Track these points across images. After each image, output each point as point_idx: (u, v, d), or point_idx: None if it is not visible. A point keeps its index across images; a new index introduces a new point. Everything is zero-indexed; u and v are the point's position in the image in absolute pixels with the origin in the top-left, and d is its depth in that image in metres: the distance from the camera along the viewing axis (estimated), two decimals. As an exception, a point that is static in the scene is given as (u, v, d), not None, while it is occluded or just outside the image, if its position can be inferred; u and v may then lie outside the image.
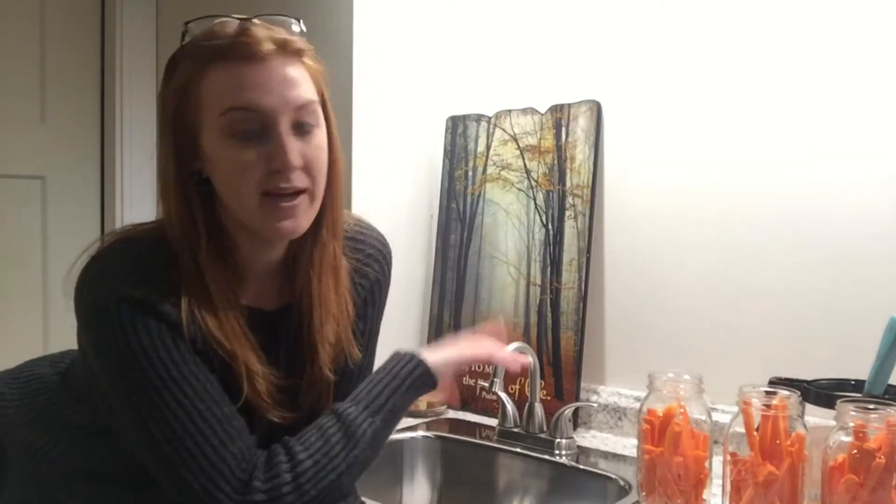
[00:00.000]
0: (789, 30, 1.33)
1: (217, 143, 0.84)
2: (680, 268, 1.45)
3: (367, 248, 1.04)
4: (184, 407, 0.81)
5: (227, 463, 0.81)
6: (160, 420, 0.81)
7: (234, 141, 0.83)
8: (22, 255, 1.94)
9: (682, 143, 1.45)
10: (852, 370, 1.11)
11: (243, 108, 0.82)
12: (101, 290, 0.83)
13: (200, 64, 0.83)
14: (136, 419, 0.82)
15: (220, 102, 0.82)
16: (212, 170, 0.86)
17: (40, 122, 1.97)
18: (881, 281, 1.24)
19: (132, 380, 0.81)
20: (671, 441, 1.04)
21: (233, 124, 0.82)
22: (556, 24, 1.60)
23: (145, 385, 0.81)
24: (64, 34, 1.99)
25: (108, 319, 0.81)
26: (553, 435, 1.39)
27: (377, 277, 1.05)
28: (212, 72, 0.83)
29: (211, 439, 0.81)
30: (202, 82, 0.83)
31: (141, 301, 0.81)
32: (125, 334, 0.81)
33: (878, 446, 0.87)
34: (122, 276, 0.83)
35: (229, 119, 0.82)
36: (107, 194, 2.05)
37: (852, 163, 1.28)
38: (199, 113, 0.84)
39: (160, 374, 0.81)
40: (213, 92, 0.83)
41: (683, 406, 1.05)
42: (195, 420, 0.81)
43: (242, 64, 0.82)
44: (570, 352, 1.50)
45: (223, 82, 0.82)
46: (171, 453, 0.81)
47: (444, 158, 1.75)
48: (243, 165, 0.83)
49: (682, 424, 1.04)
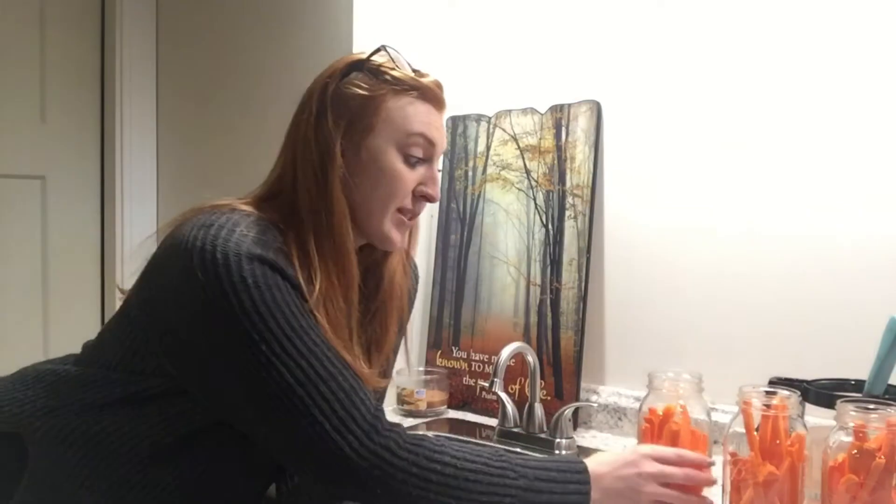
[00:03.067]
0: (789, 28, 1.33)
1: (388, 152, 0.98)
2: (680, 268, 1.45)
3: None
4: (315, 354, 0.86)
5: (358, 407, 0.86)
6: (293, 366, 0.84)
7: (404, 156, 0.98)
8: (22, 255, 1.94)
9: (683, 143, 1.45)
10: (852, 370, 1.11)
11: (428, 139, 0.99)
12: (231, 248, 0.85)
13: (401, 87, 0.98)
14: (259, 369, 0.84)
15: (412, 126, 0.98)
16: (362, 168, 0.97)
17: (40, 122, 1.97)
18: (881, 281, 1.24)
19: (261, 330, 0.84)
20: (669, 440, 1.04)
21: (413, 147, 0.98)
22: (556, 24, 1.60)
23: (277, 334, 0.84)
24: (64, 34, 1.99)
25: (240, 274, 0.84)
26: (553, 435, 1.39)
27: (410, 294, 1.17)
28: (410, 98, 0.99)
29: (343, 384, 0.86)
30: (398, 102, 0.98)
31: (272, 262, 0.86)
32: (258, 288, 0.84)
33: (878, 446, 0.87)
34: (251, 239, 0.87)
35: (413, 141, 0.98)
36: (107, 194, 2.05)
37: (852, 163, 1.28)
38: (381, 122, 0.97)
39: (291, 325, 0.85)
40: (408, 118, 0.98)
41: (683, 405, 1.06)
42: (326, 365, 0.86)
43: (434, 107, 1.01)
44: (570, 352, 1.50)
45: (421, 114, 0.99)
46: (305, 396, 0.84)
47: (444, 158, 1.75)
48: (404, 179, 0.98)
49: (682, 423, 1.04)
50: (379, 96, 0.97)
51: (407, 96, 0.99)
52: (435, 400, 1.63)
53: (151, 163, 2.06)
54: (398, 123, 0.98)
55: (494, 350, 1.52)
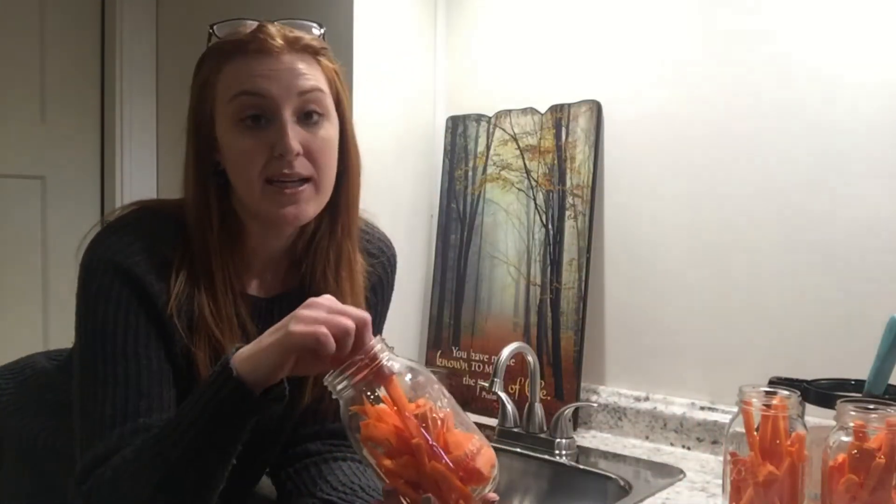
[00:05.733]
0: (790, 27, 1.33)
1: (226, 131, 0.88)
2: (680, 267, 1.45)
3: (372, 248, 1.06)
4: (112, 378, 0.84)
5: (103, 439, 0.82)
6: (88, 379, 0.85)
7: (241, 128, 0.87)
8: (22, 255, 1.93)
9: (682, 143, 1.45)
10: (852, 370, 1.11)
11: (249, 92, 0.86)
12: (97, 251, 0.88)
13: (220, 59, 0.88)
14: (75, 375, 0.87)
15: (231, 89, 0.87)
16: (224, 159, 0.90)
17: (40, 122, 1.97)
18: (881, 281, 1.24)
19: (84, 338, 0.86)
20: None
21: (240, 110, 0.86)
22: (556, 23, 1.60)
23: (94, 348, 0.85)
24: (64, 34, 1.98)
25: (91, 279, 0.86)
26: (553, 435, 1.39)
27: (381, 278, 1.07)
28: (228, 66, 0.88)
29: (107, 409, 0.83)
30: (219, 76, 0.88)
31: (126, 271, 0.86)
32: (97, 299, 0.85)
33: (878, 446, 0.87)
34: (121, 244, 0.87)
35: (237, 104, 0.86)
36: (107, 194, 2.05)
37: (853, 163, 1.28)
38: (215, 105, 0.89)
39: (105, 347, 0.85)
40: (226, 82, 0.88)
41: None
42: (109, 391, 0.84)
43: (255, 56, 0.86)
44: (570, 352, 1.50)
45: (236, 72, 0.87)
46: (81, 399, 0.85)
47: (444, 158, 1.75)
48: (247, 151, 0.87)
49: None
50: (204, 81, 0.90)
51: (226, 65, 0.88)
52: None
53: (151, 163, 2.06)
54: (223, 95, 0.88)
55: (494, 350, 1.52)
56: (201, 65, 0.92)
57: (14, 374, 1.07)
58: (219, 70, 0.88)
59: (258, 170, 0.87)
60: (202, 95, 0.90)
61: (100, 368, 0.84)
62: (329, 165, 0.91)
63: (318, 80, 0.89)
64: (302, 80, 0.87)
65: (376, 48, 1.63)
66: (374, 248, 1.06)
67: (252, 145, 0.86)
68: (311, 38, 0.90)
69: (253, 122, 0.87)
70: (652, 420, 1.44)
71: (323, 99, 0.90)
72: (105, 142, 2.05)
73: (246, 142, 0.87)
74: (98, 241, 0.89)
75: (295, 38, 0.88)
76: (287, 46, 0.87)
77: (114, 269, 0.86)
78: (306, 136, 0.88)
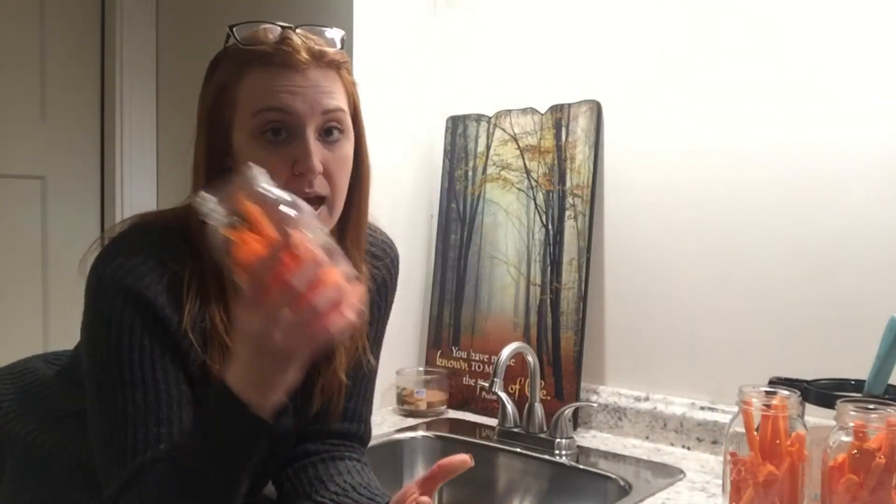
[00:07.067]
0: (790, 27, 1.33)
1: (247, 143, 0.86)
2: (680, 267, 1.45)
3: (376, 249, 1.06)
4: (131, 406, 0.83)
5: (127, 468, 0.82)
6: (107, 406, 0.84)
7: (262, 142, 0.85)
8: (22, 255, 1.93)
9: (683, 143, 1.45)
10: (852, 370, 1.11)
11: (275, 108, 0.85)
12: (105, 274, 0.85)
13: (241, 66, 0.87)
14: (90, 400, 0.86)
15: (255, 104, 0.85)
16: (237, 166, 0.87)
17: (40, 122, 1.97)
18: (881, 281, 1.24)
19: (98, 364, 0.84)
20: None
21: (263, 124, 0.85)
22: (556, 23, 1.60)
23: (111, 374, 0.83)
24: (64, 34, 1.98)
25: (101, 304, 0.84)
26: (553, 435, 1.39)
27: (384, 280, 1.07)
28: (251, 74, 0.86)
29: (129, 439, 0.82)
30: (241, 83, 0.87)
31: (138, 295, 0.84)
32: (110, 325, 0.83)
33: (878, 446, 0.87)
34: (130, 265, 0.85)
35: (261, 119, 0.85)
36: (107, 194, 2.05)
37: (853, 163, 1.28)
38: (234, 112, 0.87)
39: (123, 374, 0.83)
40: (249, 93, 0.86)
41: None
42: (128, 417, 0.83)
43: (280, 70, 0.85)
44: (570, 352, 1.50)
45: (260, 85, 0.85)
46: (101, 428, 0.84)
47: (444, 158, 1.75)
48: (269, 167, 0.82)
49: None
50: (223, 85, 0.88)
51: (249, 72, 0.86)
52: (435, 400, 1.63)
53: (151, 163, 2.06)
54: (245, 106, 0.86)
55: (494, 350, 1.52)
56: (217, 66, 0.90)
57: (13, 379, 1.06)
58: (239, 77, 0.87)
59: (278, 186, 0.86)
60: (220, 100, 0.88)
61: (118, 396, 0.83)
62: (344, 183, 0.90)
63: (341, 97, 0.89)
64: (327, 99, 0.87)
65: (376, 48, 1.63)
66: (377, 250, 1.06)
67: (273, 161, 0.84)
68: (334, 52, 0.89)
69: (274, 134, 0.86)
70: (652, 420, 1.44)
71: (344, 118, 0.89)
72: (105, 142, 2.05)
73: (267, 156, 0.84)
74: (104, 262, 0.86)
75: (320, 52, 0.87)
76: (313, 61, 0.86)
77: (124, 293, 0.84)
78: (326, 155, 0.87)
